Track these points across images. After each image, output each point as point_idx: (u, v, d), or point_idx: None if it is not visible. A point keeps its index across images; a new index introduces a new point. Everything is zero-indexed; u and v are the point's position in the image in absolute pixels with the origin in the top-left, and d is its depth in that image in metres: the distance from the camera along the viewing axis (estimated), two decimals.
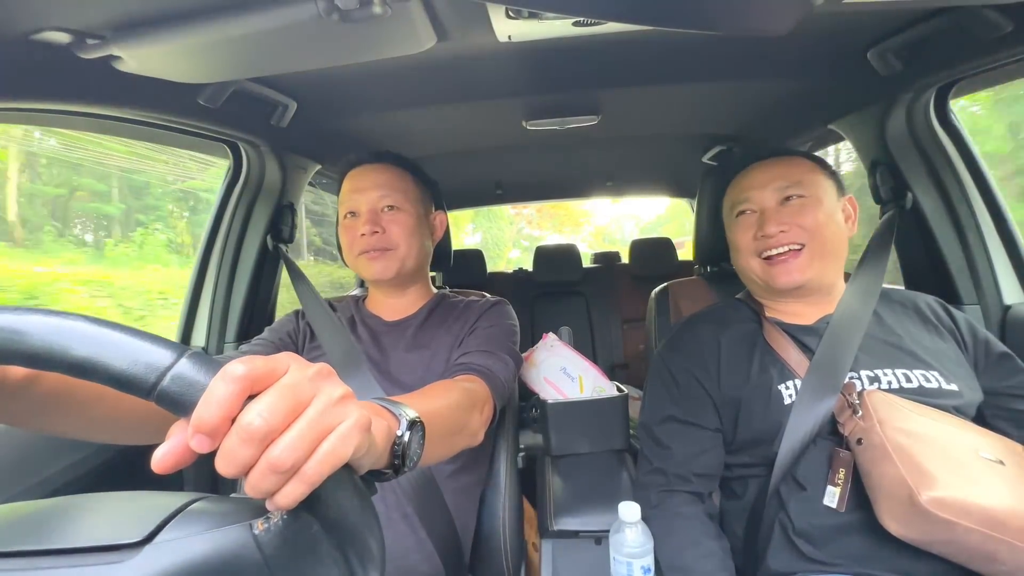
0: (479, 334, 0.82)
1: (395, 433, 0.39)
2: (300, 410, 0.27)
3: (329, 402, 0.28)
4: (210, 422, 0.25)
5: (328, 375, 0.30)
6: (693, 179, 2.00)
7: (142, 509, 0.30)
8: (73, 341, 0.26)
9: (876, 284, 0.82)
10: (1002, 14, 0.68)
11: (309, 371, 0.29)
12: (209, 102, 0.85)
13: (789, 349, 0.77)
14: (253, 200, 1.16)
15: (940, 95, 0.95)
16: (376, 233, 0.83)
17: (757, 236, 0.79)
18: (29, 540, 0.28)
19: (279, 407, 0.26)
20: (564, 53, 0.85)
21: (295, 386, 0.27)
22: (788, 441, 0.70)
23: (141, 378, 0.26)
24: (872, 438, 0.63)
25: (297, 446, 0.26)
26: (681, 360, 0.82)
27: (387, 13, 0.57)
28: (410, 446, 0.40)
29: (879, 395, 0.67)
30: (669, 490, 0.76)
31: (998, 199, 0.96)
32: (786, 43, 0.78)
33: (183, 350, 0.28)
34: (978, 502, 0.55)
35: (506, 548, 0.86)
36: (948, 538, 0.56)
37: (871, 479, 0.62)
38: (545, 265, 2.29)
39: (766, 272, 0.79)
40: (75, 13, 0.56)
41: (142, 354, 0.27)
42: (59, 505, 0.33)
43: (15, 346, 0.26)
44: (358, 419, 0.29)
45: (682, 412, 0.79)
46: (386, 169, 0.88)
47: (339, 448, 0.27)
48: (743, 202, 0.82)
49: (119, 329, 0.27)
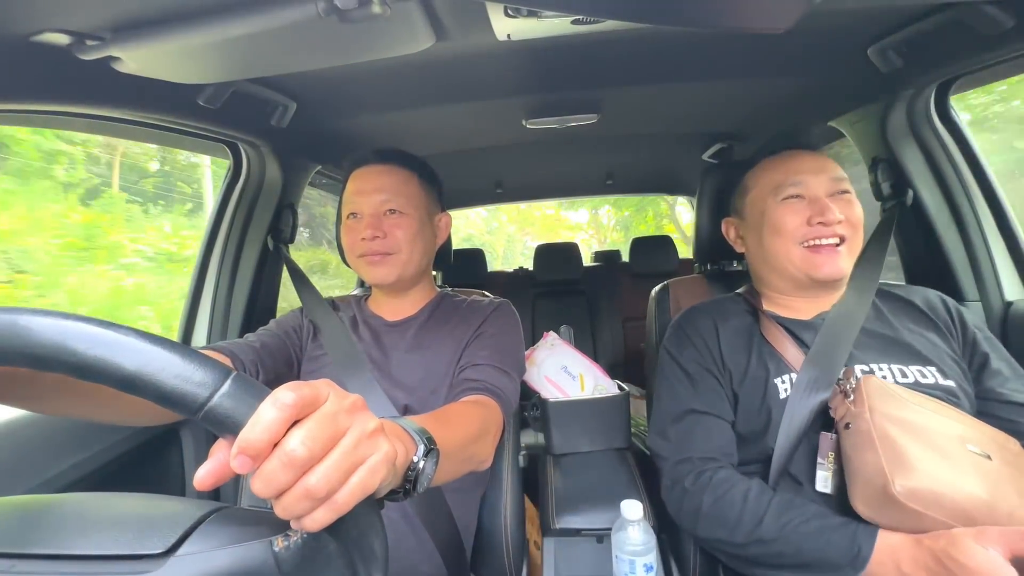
0: (486, 342, 0.81)
1: (411, 458, 0.40)
2: (337, 440, 0.28)
3: (363, 434, 0.30)
4: (256, 445, 0.26)
5: (362, 408, 0.31)
6: (693, 177, 2.00)
7: (162, 517, 0.30)
8: (123, 357, 0.27)
9: (873, 280, 0.82)
10: (1003, 10, 0.68)
11: (346, 402, 0.30)
12: (209, 103, 0.85)
13: (786, 343, 0.77)
14: (253, 200, 1.16)
15: (941, 91, 0.95)
16: (377, 238, 0.82)
17: (812, 222, 0.75)
18: (48, 540, 0.28)
19: (320, 436, 0.27)
20: (563, 51, 0.85)
21: (334, 416, 0.29)
22: (784, 435, 0.70)
23: (189, 398, 0.27)
24: (860, 424, 0.63)
25: (332, 476, 0.27)
26: (691, 353, 0.81)
27: (386, 13, 0.57)
28: (424, 472, 0.41)
29: (875, 381, 0.67)
30: (701, 471, 0.72)
31: (999, 195, 0.96)
32: (786, 40, 0.78)
33: (228, 372, 0.28)
34: (952, 496, 0.55)
35: (508, 547, 0.86)
36: (915, 527, 0.57)
37: (851, 464, 0.63)
38: (546, 264, 2.29)
39: (807, 260, 0.76)
40: (75, 14, 0.56)
41: (191, 373, 0.27)
42: (76, 502, 0.33)
43: (64, 357, 0.26)
44: (387, 453, 0.31)
45: (701, 404, 0.77)
46: (391, 171, 0.86)
47: (368, 480, 0.29)
48: (794, 185, 0.78)
49: (169, 347, 0.28)
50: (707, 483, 0.70)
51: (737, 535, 0.65)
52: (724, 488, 0.68)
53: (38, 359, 0.26)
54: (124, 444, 0.83)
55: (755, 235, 0.84)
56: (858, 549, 0.57)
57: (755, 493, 0.66)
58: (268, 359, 0.78)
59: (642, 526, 0.73)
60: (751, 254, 0.88)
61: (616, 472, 1.12)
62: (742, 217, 0.88)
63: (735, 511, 0.66)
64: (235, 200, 1.14)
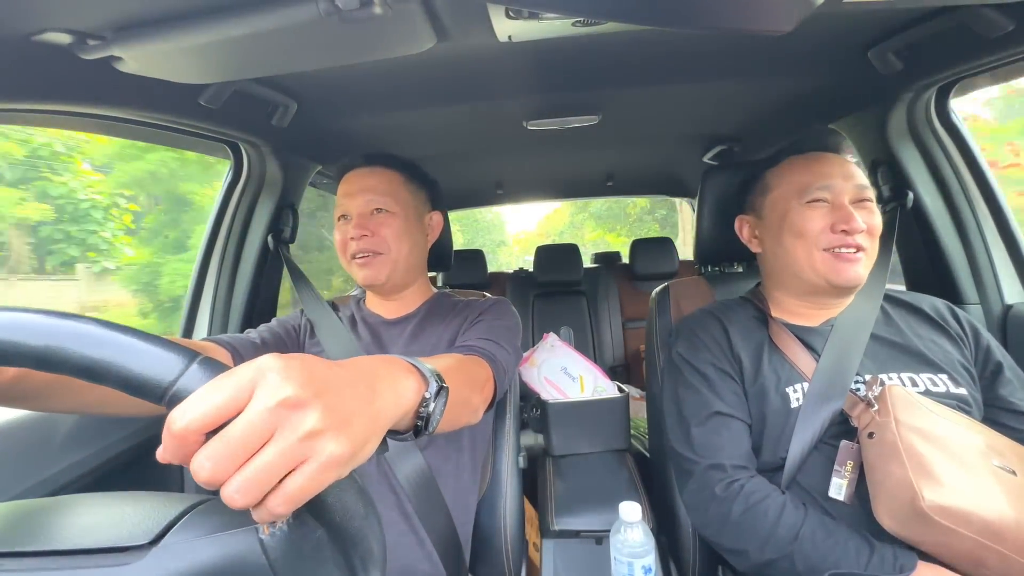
0: (480, 327, 0.83)
1: (423, 395, 0.39)
2: (253, 448, 0.26)
3: (292, 440, 0.26)
4: (169, 459, 0.26)
5: (297, 405, 0.27)
6: (694, 179, 2.00)
7: (148, 511, 0.30)
8: (84, 345, 0.26)
9: (880, 286, 0.81)
10: (1003, 13, 0.68)
11: (274, 398, 0.26)
12: (210, 102, 0.85)
13: (797, 351, 0.76)
14: (254, 200, 1.16)
15: (941, 94, 0.95)
16: (365, 236, 0.83)
17: (836, 229, 0.73)
18: (34, 540, 0.28)
19: (223, 455, 0.25)
20: (564, 53, 0.85)
21: (249, 425, 0.26)
22: (797, 445, 0.69)
23: (152, 383, 0.26)
24: (885, 435, 0.62)
25: (246, 488, 0.25)
26: (705, 355, 0.80)
27: (387, 13, 0.57)
28: (435, 411, 0.39)
29: (899, 391, 0.66)
30: (734, 479, 0.70)
31: (999, 198, 0.96)
32: (787, 43, 0.78)
33: (193, 355, 0.27)
34: (979, 512, 0.55)
35: (507, 548, 0.86)
36: (941, 541, 0.56)
37: (875, 474, 0.62)
38: (546, 265, 2.29)
39: (830, 265, 0.74)
40: (76, 14, 0.57)
41: (153, 359, 0.26)
42: (63, 504, 0.33)
43: (17, 349, 0.26)
44: (329, 459, 0.27)
45: (726, 406, 0.75)
46: (376, 173, 0.88)
47: (304, 486, 0.26)
48: (822, 189, 0.76)
49: (131, 333, 0.27)
50: (738, 491, 0.69)
51: (768, 550, 0.64)
52: (756, 499, 0.67)
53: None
54: (122, 444, 0.83)
55: (774, 236, 0.82)
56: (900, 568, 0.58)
57: (790, 508, 0.65)
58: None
59: (640, 528, 0.73)
60: (767, 254, 0.85)
61: (616, 474, 1.12)
62: (760, 216, 0.85)
63: (768, 523, 0.65)
64: (236, 199, 1.14)
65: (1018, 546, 0.54)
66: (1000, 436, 0.65)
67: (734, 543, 0.68)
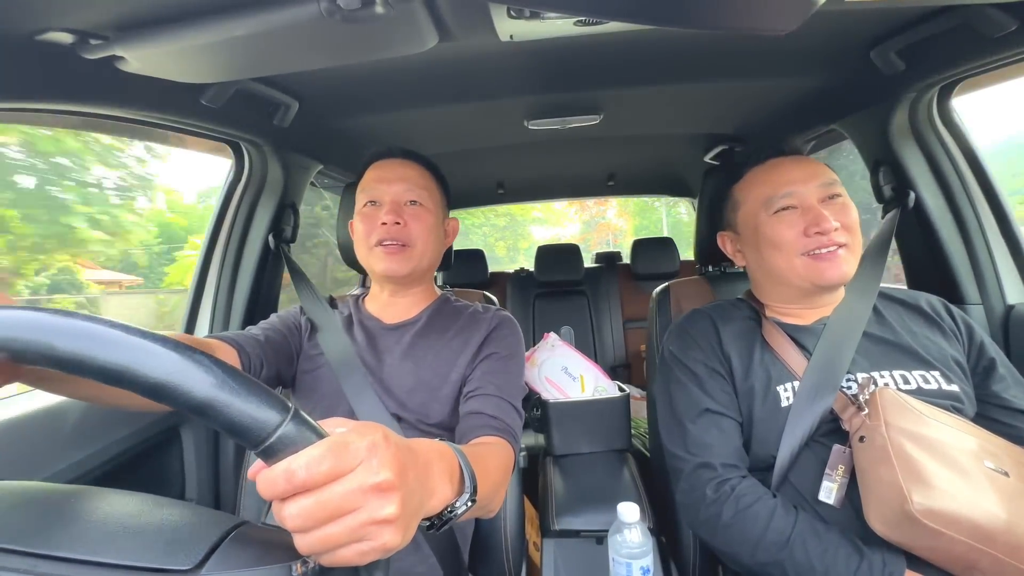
0: (495, 367, 0.80)
1: (452, 502, 0.41)
2: (340, 513, 0.29)
3: (367, 520, 0.30)
4: (264, 496, 0.29)
5: (386, 490, 0.31)
6: (695, 179, 2.00)
7: (186, 529, 0.31)
8: (196, 385, 0.27)
9: (874, 285, 0.81)
10: (1005, 12, 0.68)
11: (371, 480, 0.30)
12: (212, 102, 0.85)
13: (788, 349, 0.77)
14: (255, 199, 1.16)
15: (943, 94, 0.95)
16: (398, 224, 0.81)
17: (809, 233, 0.74)
18: (71, 541, 0.29)
19: (315, 516, 0.29)
20: (566, 53, 0.85)
21: (344, 498, 0.29)
22: (787, 444, 0.69)
23: (254, 432, 0.28)
24: (875, 438, 0.62)
25: (320, 547, 0.29)
26: (696, 354, 0.80)
27: (389, 13, 0.57)
28: (456, 517, 0.42)
29: (890, 394, 0.66)
30: (724, 479, 0.70)
31: (1002, 198, 0.96)
32: (789, 43, 0.78)
33: (287, 408, 0.29)
34: (969, 515, 0.54)
35: (507, 547, 0.86)
36: (932, 545, 0.56)
37: (866, 478, 0.62)
38: (547, 264, 2.29)
39: (811, 268, 0.74)
40: (78, 13, 0.57)
41: (255, 408, 0.28)
42: (95, 498, 0.33)
43: (134, 377, 0.27)
44: (383, 546, 0.31)
45: (715, 404, 0.76)
46: (411, 166, 0.87)
47: (353, 560, 0.30)
48: (785, 196, 0.76)
49: (236, 377, 0.29)
50: (729, 494, 0.68)
51: (759, 553, 0.64)
52: (746, 502, 0.67)
53: (108, 376, 0.27)
54: (125, 443, 0.83)
55: (752, 249, 0.83)
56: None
57: (780, 513, 0.65)
58: (271, 354, 0.79)
59: (639, 528, 0.73)
60: (752, 268, 0.86)
61: (616, 473, 1.12)
62: (737, 232, 0.87)
63: (758, 528, 0.65)
64: (237, 199, 1.14)
65: (1009, 549, 0.54)
66: (993, 437, 0.65)
67: (726, 546, 0.68)
